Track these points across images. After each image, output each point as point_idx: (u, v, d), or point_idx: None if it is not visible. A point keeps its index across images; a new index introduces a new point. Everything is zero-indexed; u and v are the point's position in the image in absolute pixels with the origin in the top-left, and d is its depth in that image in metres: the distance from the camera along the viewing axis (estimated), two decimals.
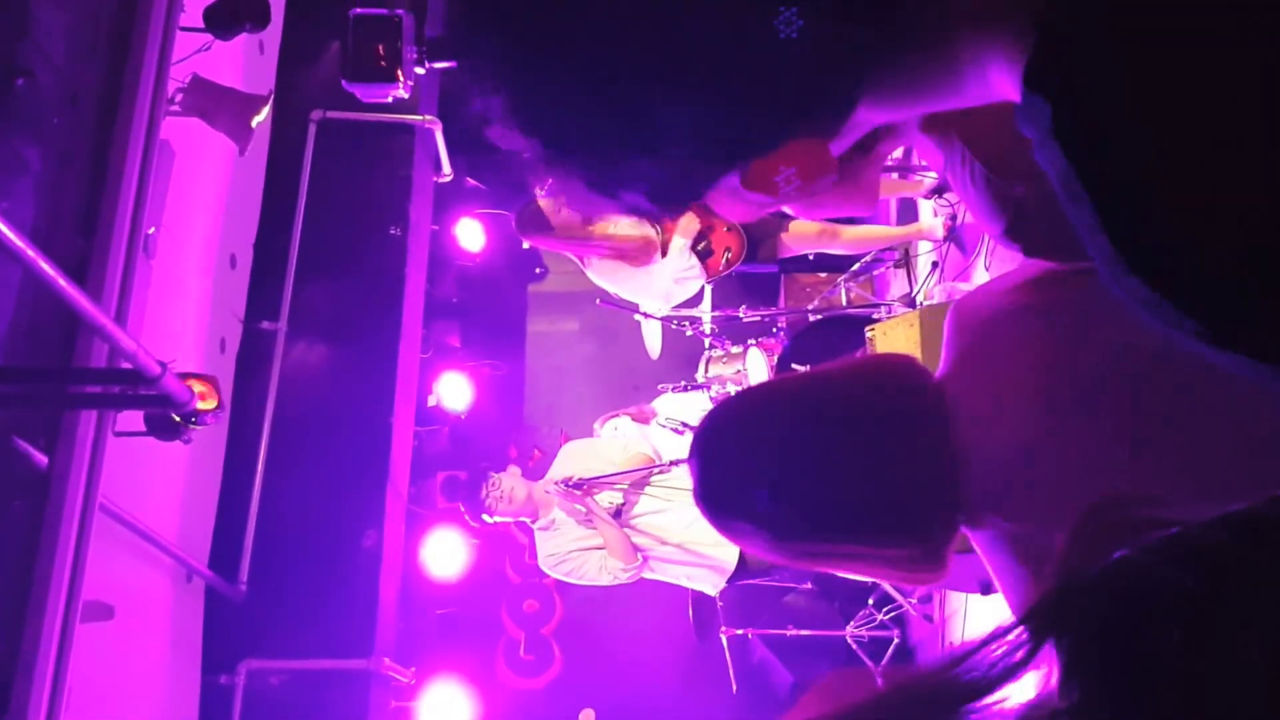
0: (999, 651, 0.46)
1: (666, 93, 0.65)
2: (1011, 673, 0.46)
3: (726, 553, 4.41)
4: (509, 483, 4.41)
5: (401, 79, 2.70)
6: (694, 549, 4.39)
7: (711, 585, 4.52)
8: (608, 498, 4.45)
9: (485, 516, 4.45)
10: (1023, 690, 0.46)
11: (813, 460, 1.17)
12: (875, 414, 1.18)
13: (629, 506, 4.47)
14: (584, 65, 0.65)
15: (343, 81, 2.79)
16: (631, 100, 0.66)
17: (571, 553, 4.40)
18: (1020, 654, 0.46)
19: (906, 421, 1.18)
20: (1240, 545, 0.44)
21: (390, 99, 2.74)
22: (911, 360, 1.25)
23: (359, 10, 2.70)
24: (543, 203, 4.79)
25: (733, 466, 1.21)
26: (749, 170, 0.71)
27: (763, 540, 1.20)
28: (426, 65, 2.71)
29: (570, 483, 4.37)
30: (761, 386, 1.21)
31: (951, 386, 1.19)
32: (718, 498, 1.22)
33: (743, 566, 4.44)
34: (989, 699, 0.45)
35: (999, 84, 0.65)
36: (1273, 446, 1.01)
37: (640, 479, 4.50)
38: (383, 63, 2.68)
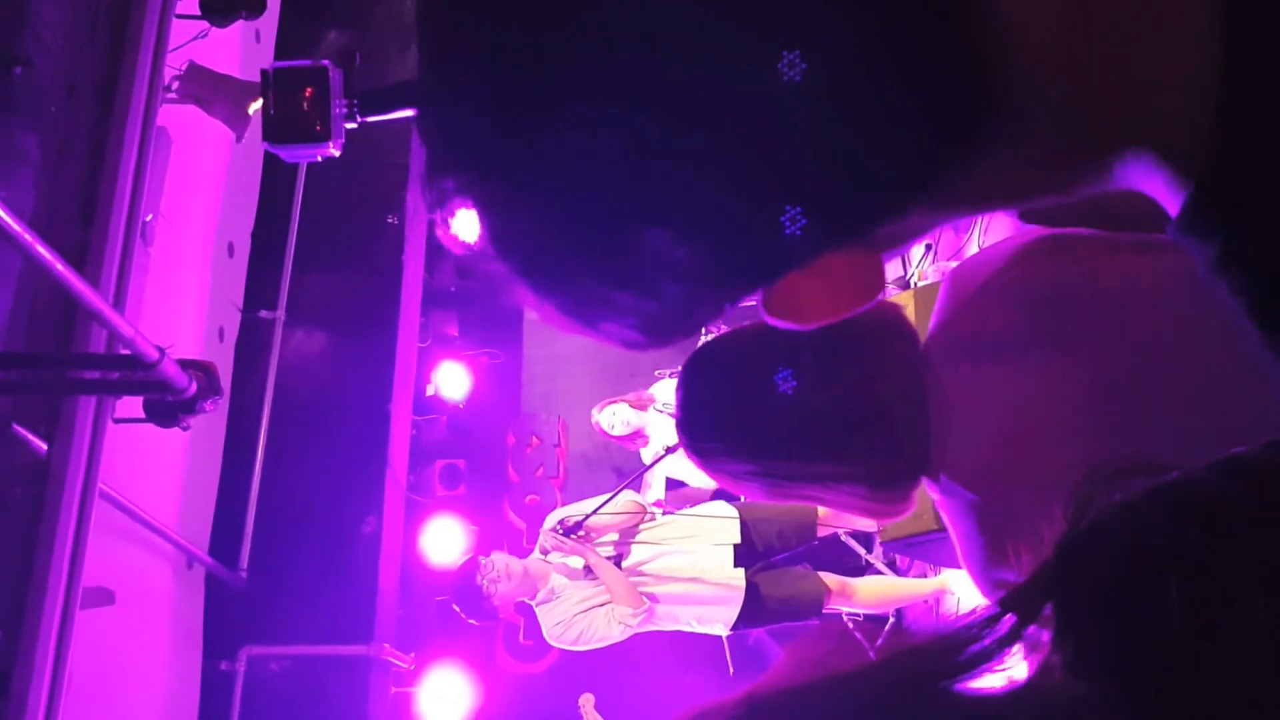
0: (993, 623, 0.44)
1: (657, 218, 0.52)
2: (1005, 644, 0.43)
3: (732, 575, 4.38)
4: (501, 559, 4.28)
5: (331, 138, 2.46)
6: (701, 578, 4.34)
7: (723, 623, 4.42)
8: (603, 551, 4.41)
9: (491, 604, 4.23)
10: (1019, 662, 0.44)
11: (785, 370, 1.21)
12: (854, 339, 1.23)
13: (623, 558, 4.40)
14: (560, 182, 0.52)
15: (264, 144, 2.54)
16: (613, 227, 0.53)
17: (577, 615, 4.27)
18: (1014, 623, 0.43)
19: (882, 353, 1.22)
20: (1238, 494, 0.42)
21: (320, 159, 2.52)
22: (897, 307, 1.30)
23: (277, 64, 2.47)
24: None
25: (717, 374, 1.26)
26: (771, 294, 0.56)
27: (737, 463, 1.23)
28: (359, 120, 2.49)
29: (565, 526, 4.34)
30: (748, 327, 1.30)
31: (938, 350, 1.21)
32: (699, 406, 1.27)
33: (750, 601, 4.37)
34: (983, 669, 0.43)
35: (1131, 179, 0.51)
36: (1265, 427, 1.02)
37: (629, 529, 4.46)
38: (309, 121, 2.43)
